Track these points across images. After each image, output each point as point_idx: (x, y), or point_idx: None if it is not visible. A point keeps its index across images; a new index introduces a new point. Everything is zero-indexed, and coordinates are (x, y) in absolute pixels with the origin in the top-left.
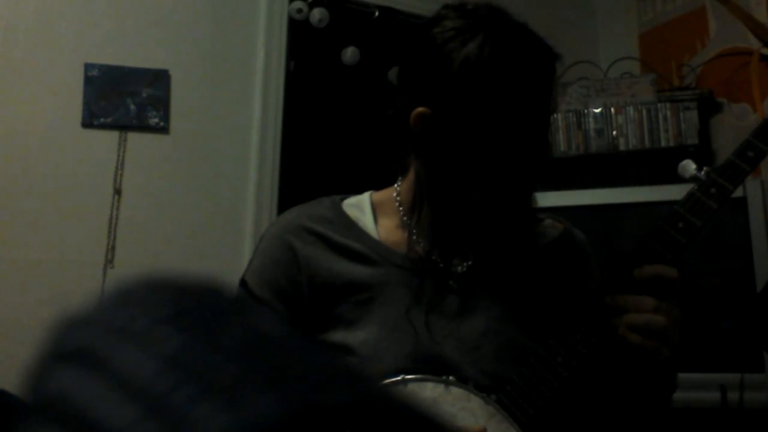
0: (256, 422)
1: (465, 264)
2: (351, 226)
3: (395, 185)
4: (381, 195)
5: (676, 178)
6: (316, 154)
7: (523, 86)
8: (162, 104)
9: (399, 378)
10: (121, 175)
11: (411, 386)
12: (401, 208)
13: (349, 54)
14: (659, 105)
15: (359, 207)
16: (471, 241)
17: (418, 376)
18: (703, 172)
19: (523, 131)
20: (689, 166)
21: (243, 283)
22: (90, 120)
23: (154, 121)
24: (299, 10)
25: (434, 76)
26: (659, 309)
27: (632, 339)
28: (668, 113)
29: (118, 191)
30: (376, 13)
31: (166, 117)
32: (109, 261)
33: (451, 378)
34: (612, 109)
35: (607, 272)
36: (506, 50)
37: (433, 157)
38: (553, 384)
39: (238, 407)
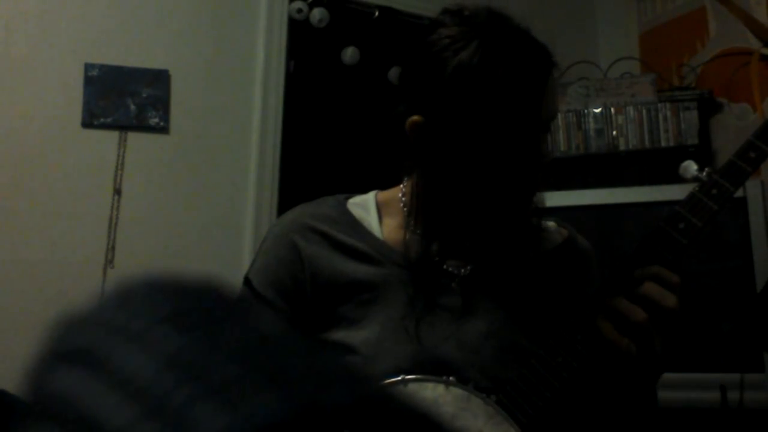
0: (256, 422)
1: (467, 267)
2: (355, 225)
3: (401, 185)
4: (386, 194)
5: (676, 178)
6: (316, 154)
7: (514, 95)
8: (162, 104)
9: (399, 378)
10: (121, 175)
11: (411, 386)
12: (405, 209)
13: (349, 54)
14: (659, 105)
15: (364, 206)
16: (472, 246)
17: (419, 376)
18: (704, 173)
19: (515, 140)
20: (691, 167)
21: (247, 281)
22: (90, 120)
23: (154, 121)
24: (299, 10)
25: (428, 85)
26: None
27: (605, 331)
28: (668, 113)
29: (118, 191)
30: (376, 13)
31: (166, 117)
32: (109, 261)
33: (451, 378)
34: (612, 109)
35: (608, 273)
36: (498, 58)
37: (427, 166)
38: (553, 385)
39: (238, 407)
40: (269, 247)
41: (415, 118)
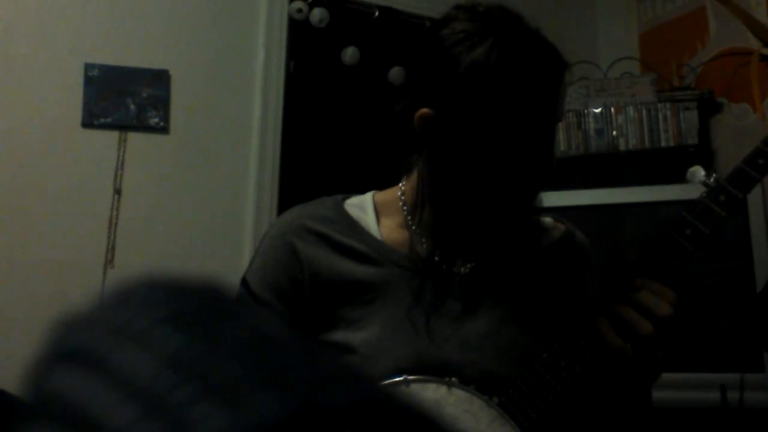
0: (256, 422)
1: (468, 265)
2: (353, 225)
3: (399, 185)
4: (384, 195)
5: (676, 178)
6: (316, 154)
7: (528, 94)
8: (162, 104)
9: (402, 378)
10: (121, 175)
11: (413, 387)
12: (405, 208)
13: (349, 54)
14: (659, 105)
15: (361, 207)
16: (473, 243)
17: (421, 377)
18: (712, 179)
19: (526, 138)
20: (698, 173)
21: (244, 283)
22: (90, 120)
23: (154, 121)
24: (299, 10)
25: (440, 79)
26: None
27: (603, 330)
28: (668, 113)
29: (118, 191)
30: (376, 13)
31: (166, 117)
32: (109, 261)
33: (453, 379)
34: (612, 109)
35: (612, 277)
36: (514, 57)
37: (435, 159)
38: (556, 389)
39: (238, 407)
40: (266, 249)
41: (424, 110)
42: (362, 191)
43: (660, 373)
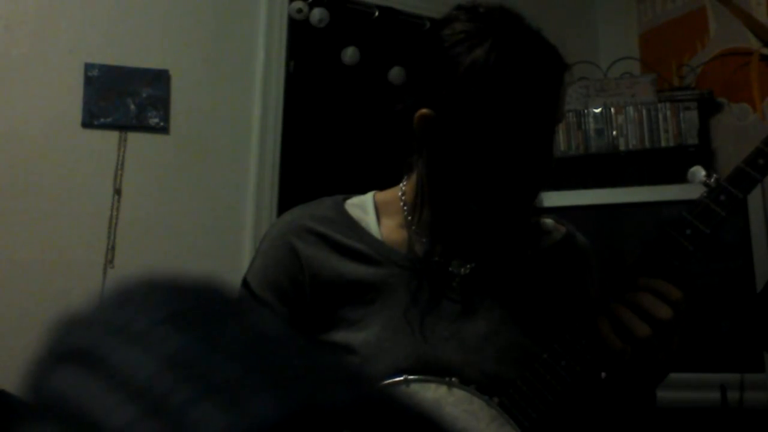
0: (256, 422)
1: (468, 266)
2: (353, 226)
3: (400, 185)
4: (385, 195)
5: (676, 178)
6: (316, 154)
7: (528, 95)
8: (162, 104)
9: (402, 378)
10: (121, 175)
11: (413, 387)
12: (405, 208)
13: (349, 54)
14: (659, 105)
15: (362, 207)
16: (473, 244)
17: (421, 376)
18: (712, 179)
19: (525, 139)
20: (699, 173)
21: (245, 283)
22: (90, 120)
23: (154, 121)
24: (299, 10)
25: (439, 80)
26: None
27: (603, 331)
28: (668, 113)
29: (118, 191)
30: (376, 13)
31: (166, 117)
32: (109, 261)
33: (453, 380)
34: (612, 109)
35: (612, 277)
36: (513, 59)
37: (434, 159)
38: (556, 388)
39: (238, 407)
40: (267, 250)
41: (424, 111)
42: (362, 191)
43: (664, 374)
